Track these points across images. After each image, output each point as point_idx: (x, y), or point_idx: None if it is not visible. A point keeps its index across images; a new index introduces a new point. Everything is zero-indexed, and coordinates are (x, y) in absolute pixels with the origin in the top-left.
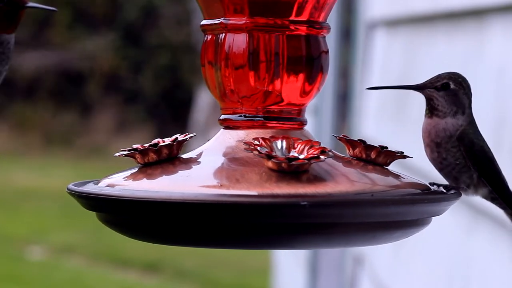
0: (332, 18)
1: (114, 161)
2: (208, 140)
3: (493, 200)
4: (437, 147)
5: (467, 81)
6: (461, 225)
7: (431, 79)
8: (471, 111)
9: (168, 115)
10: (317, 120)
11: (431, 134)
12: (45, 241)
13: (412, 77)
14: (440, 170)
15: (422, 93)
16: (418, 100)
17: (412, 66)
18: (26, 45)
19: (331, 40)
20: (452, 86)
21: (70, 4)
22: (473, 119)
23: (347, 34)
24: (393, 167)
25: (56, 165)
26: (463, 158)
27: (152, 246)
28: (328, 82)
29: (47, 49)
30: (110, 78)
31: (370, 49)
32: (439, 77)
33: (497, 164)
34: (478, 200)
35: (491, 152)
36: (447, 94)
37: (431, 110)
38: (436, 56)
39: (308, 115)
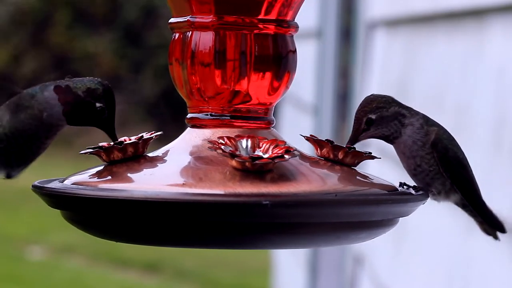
0: (332, 18)
1: None
2: (175, 139)
3: (464, 207)
4: (413, 159)
5: (378, 96)
6: (460, 225)
7: (354, 126)
8: (405, 106)
9: (168, 115)
10: (317, 120)
11: (405, 153)
12: (45, 241)
13: (412, 77)
14: (413, 176)
15: (370, 138)
16: (418, 101)
17: (412, 66)
18: (26, 45)
19: (331, 40)
20: (373, 116)
21: (70, 4)
22: (420, 113)
23: (347, 34)
24: (390, 166)
25: (56, 165)
26: (436, 165)
27: (152, 246)
28: (328, 82)
29: (47, 49)
30: (110, 78)
31: (370, 49)
32: (357, 120)
33: (471, 171)
34: (446, 203)
35: (466, 159)
36: (379, 124)
37: (388, 141)
38: (436, 56)
39: (308, 115)
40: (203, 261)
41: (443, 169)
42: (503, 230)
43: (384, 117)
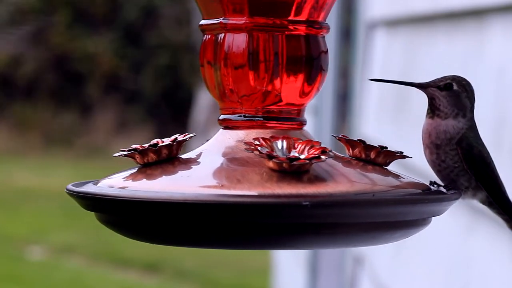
0: (332, 18)
1: (114, 161)
2: (208, 141)
3: (490, 205)
4: (436, 148)
5: (471, 86)
6: (461, 225)
7: (435, 79)
8: (473, 115)
9: (168, 115)
10: (317, 120)
11: (431, 135)
12: (45, 241)
13: (412, 77)
14: (438, 172)
15: (425, 92)
16: (418, 101)
17: (412, 66)
18: (26, 45)
19: (331, 40)
20: (455, 87)
21: (70, 4)
22: (474, 123)
23: (347, 34)
24: (393, 167)
25: (56, 165)
26: (461, 161)
27: (152, 246)
28: (328, 82)
29: (47, 49)
30: (110, 78)
31: (370, 49)
32: (443, 77)
33: (496, 170)
34: (473, 202)
35: (490, 158)
36: (449, 95)
37: (433, 110)
38: (436, 56)
39: (308, 115)
40: (203, 261)
41: (467, 166)
42: None
43: (458, 96)
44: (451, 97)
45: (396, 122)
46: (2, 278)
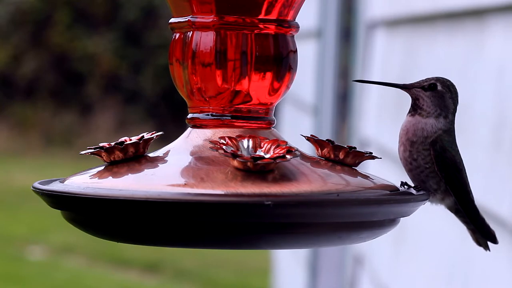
0: (332, 18)
1: None
2: (175, 139)
3: (457, 212)
4: (410, 146)
5: (455, 87)
6: (461, 225)
7: (419, 80)
8: (454, 118)
9: (168, 115)
10: (317, 120)
11: (408, 132)
12: (45, 241)
13: (412, 77)
14: (409, 171)
15: (409, 93)
16: None
17: (412, 66)
18: (26, 45)
19: (331, 40)
20: (439, 87)
21: (70, 4)
22: (453, 127)
23: (347, 34)
24: (393, 166)
25: (56, 165)
26: (432, 163)
27: (149, 246)
28: (328, 82)
29: (47, 49)
30: (110, 78)
31: (370, 49)
32: (427, 78)
33: (466, 177)
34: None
35: (463, 165)
36: (433, 95)
37: (415, 108)
38: (436, 56)
39: (308, 115)
40: (203, 261)
41: (438, 168)
42: (494, 241)
43: (442, 96)
44: (435, 97)
45: (396, 122)
46: (2, 278)
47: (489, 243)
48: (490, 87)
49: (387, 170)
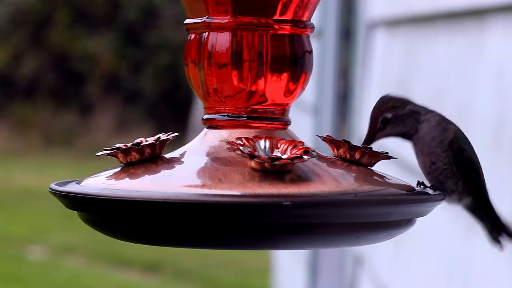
0: (332, 18)
1: (114, 161)
2: (191, 140)
3: (474, 211)
4: (429, 156)
5: (392, 96)
6: (461, 225)
7: (370, 126)
8: (426, 108)
9: (168, 115)
10: (317, 120)
11: (424, 151)
12: (45, 241)
13: (412, 77)
14: (428, 174)
15: (387, 138)
16: (418, 101)
17: (412, 66)
18: (26, 45)
19: (331, 40)
20: (389, 115)
21: (70, 4)
22: (436, 111)
23: (347, 34)
24: (393, 167)
25: (56, 165)
26: (450, 164)
27: (152, 246)
28: (328, 82)
29: (47, 49)
30: (110, 78)
31: (370, 49)
32: (374, 119)
33: (482, 175)
34: (458, 207)
35: (479, 162)
36: (395, 123)
37: (406, 138)
38: (436, 56)
39: (308, 115)
40: (203, 261)
41: (456, 168)
42: None
43: (399, 115)
44: (398, 121)
45: None
46: (2, 278)
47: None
48: (490, 87)
49: (388, 171)
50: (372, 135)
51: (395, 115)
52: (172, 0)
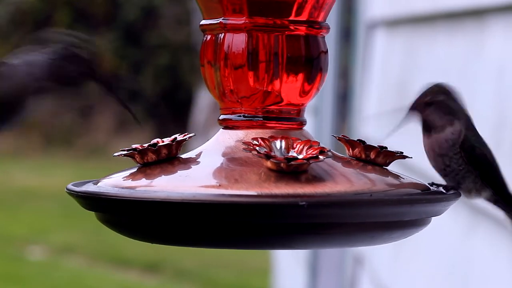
0: (332, 18)
1: (114, 161)
2: (208, 140)
3: (495, 202)
4: (442, 158)
5: (451, 88)
6: (461, 225)
7: (417, 98)
8: (468, 113)
9: (168, 115)
10: (317, 120)
11: (435, 150)
12: (45, 241)
13: (412, 77)
14: (445, 176)
15: (415, 117)
16: None
17: (412, 66)
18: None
19: (331, 40)
20: (440, 98)
21: (70, 4)
22: (471, 120)
23: (347, 34)
24: (393, 167)
25: (56, 165)
26: (465, 164)
27: (152, 246)
28: (328, 82)
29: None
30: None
31: (370, 49)
32: (424, 94)
33: (498, 166)
34: (478, 200)
35: (492, 154)
36: (437, 108)
37: (428, 129)
38: (436, 56)
39: (308, 115)
40: (203, 261)
41: (472, 167)
42: None
43: (447, 106)
44: (440, 109)
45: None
46: (2, 278)
47: None
48: (490, 87)
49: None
50: (416, 104)
51: (444, 102)
52: (172, 0)
